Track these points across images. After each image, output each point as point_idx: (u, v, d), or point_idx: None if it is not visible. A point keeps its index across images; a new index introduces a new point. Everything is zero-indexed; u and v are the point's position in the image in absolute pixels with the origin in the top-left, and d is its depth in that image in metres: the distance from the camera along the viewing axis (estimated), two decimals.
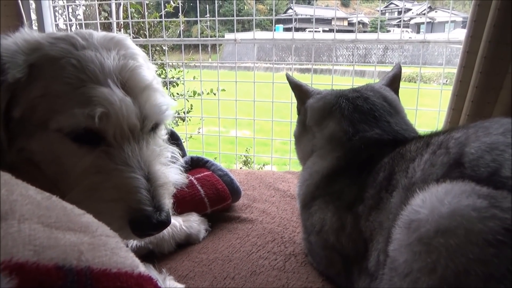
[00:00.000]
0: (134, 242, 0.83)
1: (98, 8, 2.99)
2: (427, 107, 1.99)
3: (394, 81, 1.10)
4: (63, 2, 3.11)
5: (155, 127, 0.80)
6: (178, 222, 1.05)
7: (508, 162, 0.55)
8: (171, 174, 0.80)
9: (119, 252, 0.49)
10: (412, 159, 0.75)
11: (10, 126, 0.70)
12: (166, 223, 0.72)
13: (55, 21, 2.28)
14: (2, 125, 0.68)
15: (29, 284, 0.36)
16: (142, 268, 0.50)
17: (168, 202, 0.74)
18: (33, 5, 2.17)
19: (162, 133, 0.87)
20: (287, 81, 1.15)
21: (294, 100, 1.14)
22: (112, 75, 0.70)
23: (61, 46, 0.71)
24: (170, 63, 3.21)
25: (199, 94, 2.62)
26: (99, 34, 0.77)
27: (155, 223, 0.69)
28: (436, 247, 0.50)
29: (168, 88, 3.06)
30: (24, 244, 0.39)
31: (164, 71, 2.89)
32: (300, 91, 1.10)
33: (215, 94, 2.65)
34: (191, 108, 3.05)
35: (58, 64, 0.69)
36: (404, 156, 0.78)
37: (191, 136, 2.97)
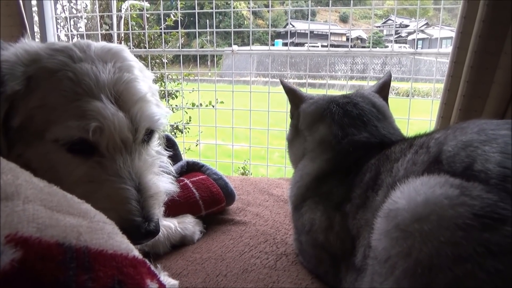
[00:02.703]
0: None
1: (100, 20, 3.06)
2: (422, 122, 2.04)
3: (383, 88, 1.14)
4: (65, 14, 3.19)
5: (148, 137, 0.82)
6: (173, 224, 1.08)
7: (481, 157, 0.59)
8: (163, 183, 0.83)
9: (115, 237, 0.52)
10: (396, 160, 0.78)
11: (9, 134, 0.73)
12: (155, 233, 0.75)
13: (57, 32, 2.34)
14: (1, 133, 0.71)
15: (32, 256, 0.40)
16: (136, 252, 0.53)
17: (157, 212, 0.77)
18: (35, 17, 2.23)
19: (155, 144, 0.89)
20: (283, 93, 1.18)
21: (289, 109, 1.17)
22: (106, 89, 0.73)
23: (59, 58, 0.74)
24: (170, 76, 3.27)
25: (197, 106, 2.67)
26: (97, 46, 0.79)
27: (143, 233, 0.73)
28: (411, 232, 0.53)
29: (167, 100, 3.11)
30: (28, 221, 0.42)
31: (163, 84, 2.95)
32: (294, 96, 1.14)
33: (213, 106, 2.69)
34: (190, 120, 3.09)
35: (55, 76, 0.72)
36: (389, 157, 0.82)
37: (189, 148, 3.01)
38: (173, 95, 3.51)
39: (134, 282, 0.47)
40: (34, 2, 2.20)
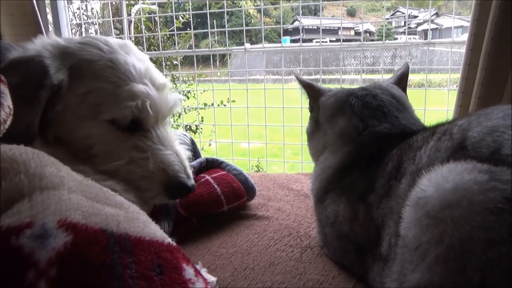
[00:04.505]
0: None
1: (112, 24, 3.11)
2: (438, 112, 2.03)
3: (401, 79, 1.15)
4: (76, 21, 3.25)
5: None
6: None
7: (508, 141, 0.59)
8: (185, 151, 0.97)
9: (150, 225, 0.55)
10: (419, 148, 0.79)
11: (49, 116, 0.81)
12: (194, 187, 0.93)
13: None
14: (38, 118, 0.78)
15: (81, 240, 0.43)
16: (170, 239, 0.55)
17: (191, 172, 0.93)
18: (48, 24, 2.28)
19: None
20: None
21: (304, 105, 1.19)
22: (143, 75, 0.87)
23: (92, 50, 0.84)
24: (181, 78, 3.30)
25: (210, 107, 2.69)
26: (113, 40, 0.90)
27: (190, 187, 0.90)
28: (442, 219, 0.54)
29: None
30: (74, 209, 0.46)
31: (175, 85, 2.97)
32: (312, 90, 1.15)
33: (225, 106, 2.71)
34: (202, 121, 3.13)
35: (96, 66, 0.82)
36: (411, 146, 0.82)
37: (202, 148, 3.03)
38: (185, 97, 3.54)
39: (172, 265, 0.50)
40: (48, 10, 2.25)
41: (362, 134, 0.97)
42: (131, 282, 0.43)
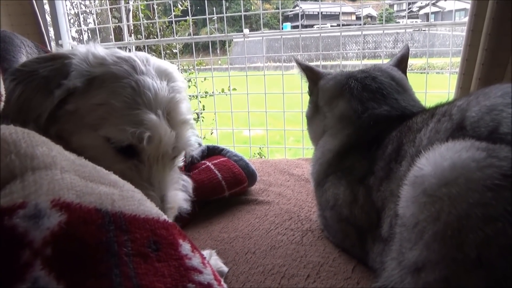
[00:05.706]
0: None
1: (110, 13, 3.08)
2: (440, 96, 2.02)
3: (401, 61, 1.14)
4: (75, 11, 3.22)
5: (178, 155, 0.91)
6: None
7: (506, 120, 0.59)
8: (179, 200, 0.90)
9: (145, 203, 0.55)
10: (418, 130, 0.78)
11: (59, 113, 0.80)
12: None
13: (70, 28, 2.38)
14: (47, 112, 0.77)
15: (76, 220, 0.43)
16: (166, 217, 0.56)
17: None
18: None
19: (180, 160, 0.95)
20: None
21: (304, 91, 1.18)
22: (162, 105, 0.81)
23: (123, 66, 0.81)
24: (181, 66, 3.28)
25: (211, 95, 2.68)
26: (155, 62, 0.87)
27: None
28: (439, 197, 0.54)
29: None
30: (68, 189, 0.46)
31: None
32: (312, 73, 1.14)
33: (226, 95, 2.70)
34: (203, 109, 3.12)
35: (120, 82, 0.79)
36: (411, 128, 0.82)
37: (204, 137, 3.03)
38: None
39: (168, 242, 0.51)
40: (45, 1, 2.23)
41: (361, 117, 0.97)
42: (127, 259, 0.44)
